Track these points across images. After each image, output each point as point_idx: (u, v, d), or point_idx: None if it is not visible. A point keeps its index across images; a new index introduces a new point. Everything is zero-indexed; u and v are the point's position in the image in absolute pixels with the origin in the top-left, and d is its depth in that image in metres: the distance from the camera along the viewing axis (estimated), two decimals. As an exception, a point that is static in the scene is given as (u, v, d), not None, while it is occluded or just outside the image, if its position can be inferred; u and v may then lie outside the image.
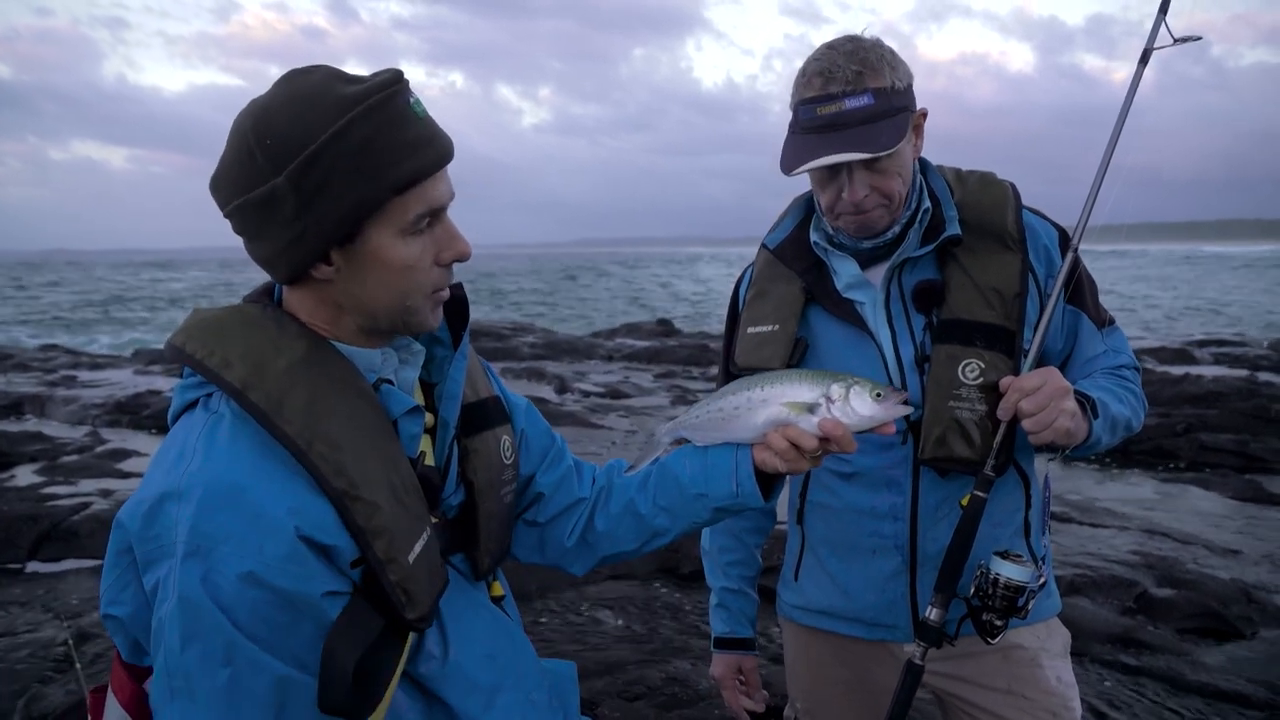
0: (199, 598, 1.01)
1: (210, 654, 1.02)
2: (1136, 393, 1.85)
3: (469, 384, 1.38)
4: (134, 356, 15.94)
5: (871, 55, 1.69)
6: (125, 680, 1.24)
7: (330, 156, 1.08)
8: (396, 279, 1.16)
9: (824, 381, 1.38)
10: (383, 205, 1.11)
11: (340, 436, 1.11)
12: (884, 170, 1.70)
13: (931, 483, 1.79)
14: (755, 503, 1.41)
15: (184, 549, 1.02)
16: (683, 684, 3.74)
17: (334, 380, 1.16)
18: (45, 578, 5.22)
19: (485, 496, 1.34)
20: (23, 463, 7.68)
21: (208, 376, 1.12)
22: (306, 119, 1.08)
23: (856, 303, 1.82)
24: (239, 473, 1.06)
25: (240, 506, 1.04)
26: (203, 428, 1.11)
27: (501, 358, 14.63)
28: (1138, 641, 4.22)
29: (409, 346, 1.30)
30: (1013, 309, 1.74)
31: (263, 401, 1.09)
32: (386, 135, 1.10)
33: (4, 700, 3.61)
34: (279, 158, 1.08)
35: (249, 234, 1.16)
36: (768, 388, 1.39)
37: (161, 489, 1.07)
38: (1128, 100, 1.79)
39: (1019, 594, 1.65)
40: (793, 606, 2.02)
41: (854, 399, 1.36)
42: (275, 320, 1.19)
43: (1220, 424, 8.62)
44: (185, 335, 1.16)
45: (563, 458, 1.54)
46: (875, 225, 1.77)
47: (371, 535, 1.10)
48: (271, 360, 1.12)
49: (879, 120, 1.66)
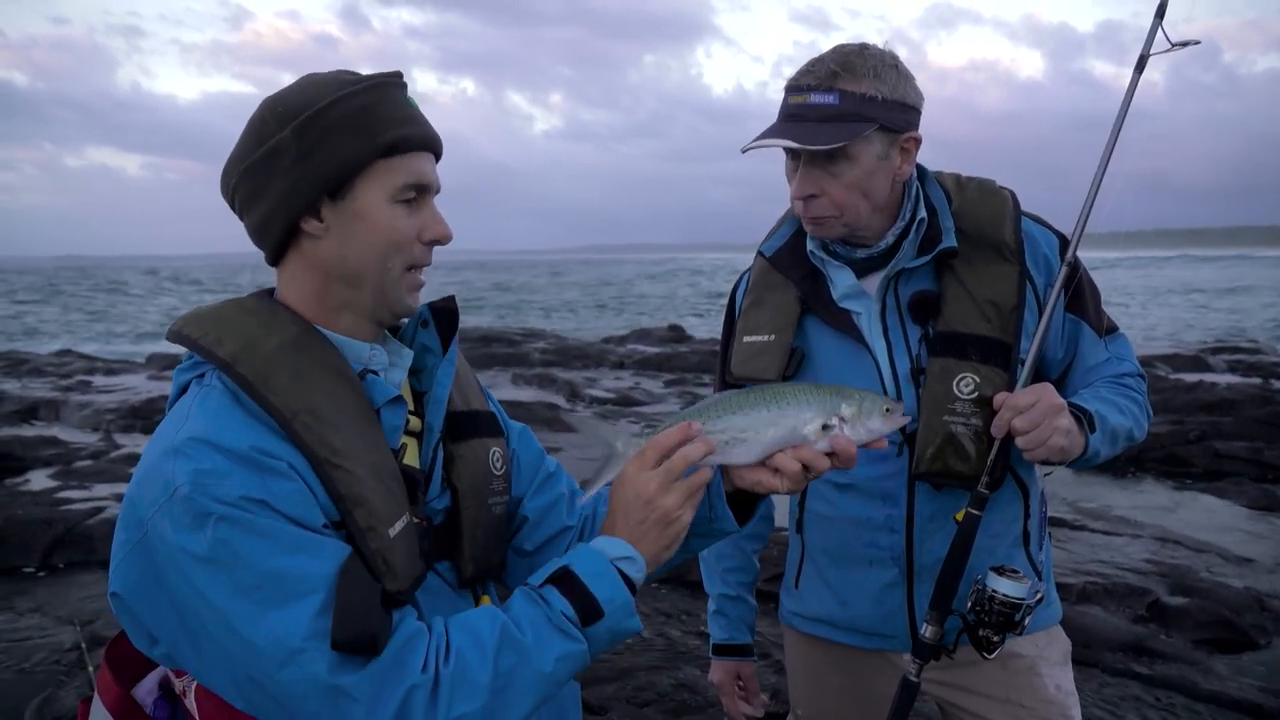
0: (214, 508, 1.06)
1: (252, 544, 1.06)
2: (1140, 401, 1.83)
3: (460, 394, 1.40)
4: (148, 362, 16.04)
5: (860, 61, 1.68)
6: (110, 683, 1.26)
7: (330, 117, 1.21)
8: (380, 241, 1.23)
9: (833, 400, 1.33)
10: (372, 163, 1.22)
11: (324, 410, 1.17)
12: (838, 175, 1.68)
13: (926, 495, 1.78)
14: (729, 527, 1.38)
15: (187, 489, 1.07)
16: (692, 690, 3.75)
17: (321, 363, 1.22)
18: (59, 582, 5.26)
19: (470, 502, 1.35)
20: (37, 467, 7.73)
21: (201, 354, 1.19)
22: (312, 90, 1.23)
23: (852, 313, 1.81)
24: (228, 431, 1.12)
25: (234, 452, 1.10)
26: (195, 397, 1.18)
27: (513, 364, 14.65)
28: (1150, 650, 4.20)
29: (398, 351, 1.34)
30: (1009, 321, 1.73)
31: (250, 374, 1.15)
32: (382, 107, 1.23)
33: (18, 703, 3.64)
34: (285, 118, 1.21)
35: (251, 198, 1.25)
36: (773, 409, 1.32)
37: (159, 451, 1.13)
38: (1124, 106, 1.78)
39: (1015, 610, 1.65)
40: (793, 614, 2.02)
41: (865, 418, 1.33)
42: (269, 309, 1.27)
43: (1234, 432, 8.55)
44: (184, 322, 1.24)
45: (555, 484, 1.51)
46: (828, 233, 1.76)
47: (351, 502, 1.15)
48: (262, 340, 1.20)
49: (835, 121, 1.65)
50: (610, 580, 1.19)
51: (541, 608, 1.17)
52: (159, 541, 1.09)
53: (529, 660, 1.13)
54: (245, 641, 1.06)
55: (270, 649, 1.05)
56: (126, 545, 1.14)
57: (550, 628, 1.15)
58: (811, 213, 1.73)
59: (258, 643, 1.05)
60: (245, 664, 1.07)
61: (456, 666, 1.10)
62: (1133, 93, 1.78)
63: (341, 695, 1.05)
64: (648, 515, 1.24)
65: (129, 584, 1.14)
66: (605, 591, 1.18)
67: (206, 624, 1.08)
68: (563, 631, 1.16)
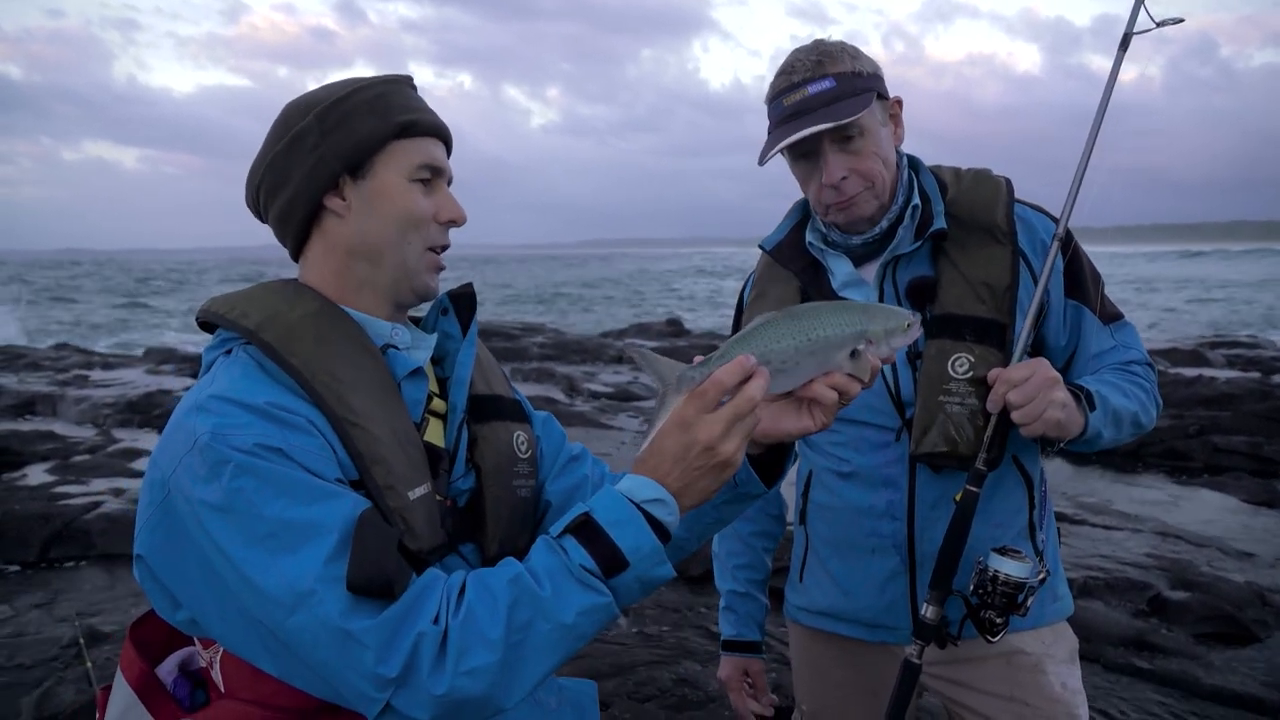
0: (231, 455, 1.08)
1: (267, 491, 1.07)
2: (1147, 389, 1.82)
3: (482, 378, 1.42)
4: (145, 356, 16.01)
5: (831, 48, 1.76)
6: (134, 659, 1.27)
7: (349, 103, 1.29)
8: (400, 216, 1.28)
9: (859, 321, 1.27)
10: (389, 142, 1.28)
11: (344, 374, 1.19)
12: (858, 151, 1.73)
13: (927, 480, 1.78)
14: (757, 489, 1.34)
15: (206, 439, 1.09)
16: (693, 685, 3.74)
17: (343, 335, 1.25)
18: (57, 577, 5.24)
19: (494, 481, 1.35)
20: (34, 462, 7.71)
21: (226, 325, 1.24)
22: (333, 86, 1.33)
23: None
24: (250, 389, 1.15)
25: (253, 406, 1.13)
26: (221, 365, 1.22)
27: (511, 358, 14.63)
28: (1151, 644, 4.19)
29: (421, 337, 1.37)
30: (1003, 302, 1.74)
31: (273, 340, 1.18)
32: (396, 96, 1.31)
33: (15, 698, 3.63)
34: (307, 108, 1.29)
35: (276, 185, 1.30)
36: (806, 335, 1.23)
37: (183, 411, 1.16)
38: (1110, 82, 1.80)
39: (1019, 590, 1.64)
40: (797, 608, 2.02)
41: (890, 337, 1.29)
42: (294, 288, 1.31)
43: (1234, 426, 8.55)
44: (212, 302, 1.30)
45: (579, 467, 1.51)
46: (863, 211, 1.78)
47: (370, 461, 1.16)
48: (285, 312, 1.24)
49: (842, 99, 1.70)
50: (635, 527, 1.12)
51: (561, 557, 1.11)
52: (179, 497, 1.10)
53: (546, 614, 1.08)
54: (258, 589, 1.05)
55: (281, 594, 1.04)
56: (150, 507, 1.14)
57: (570, 579, 1.09)
58: (846, 193, 1.76)
59: (269, 589, 1.05)
60: (261, 613, 1.06)
61: (466, 618, 1.06)
62: (1117, 71, 1.81)
63: (351, 640, 1.03)
64: (707, 461, 1.15)
65: (153, 546, 1.15)
66: (629, 540, 1.11)
67: (224, 576, 1.08)
68: (583, 584, 1.10)
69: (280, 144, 1.29)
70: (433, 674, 1.04)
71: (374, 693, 1.04)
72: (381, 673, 1.03)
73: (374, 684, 1.04)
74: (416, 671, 1.04)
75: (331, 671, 1.05)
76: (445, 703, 1.04)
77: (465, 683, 1.04)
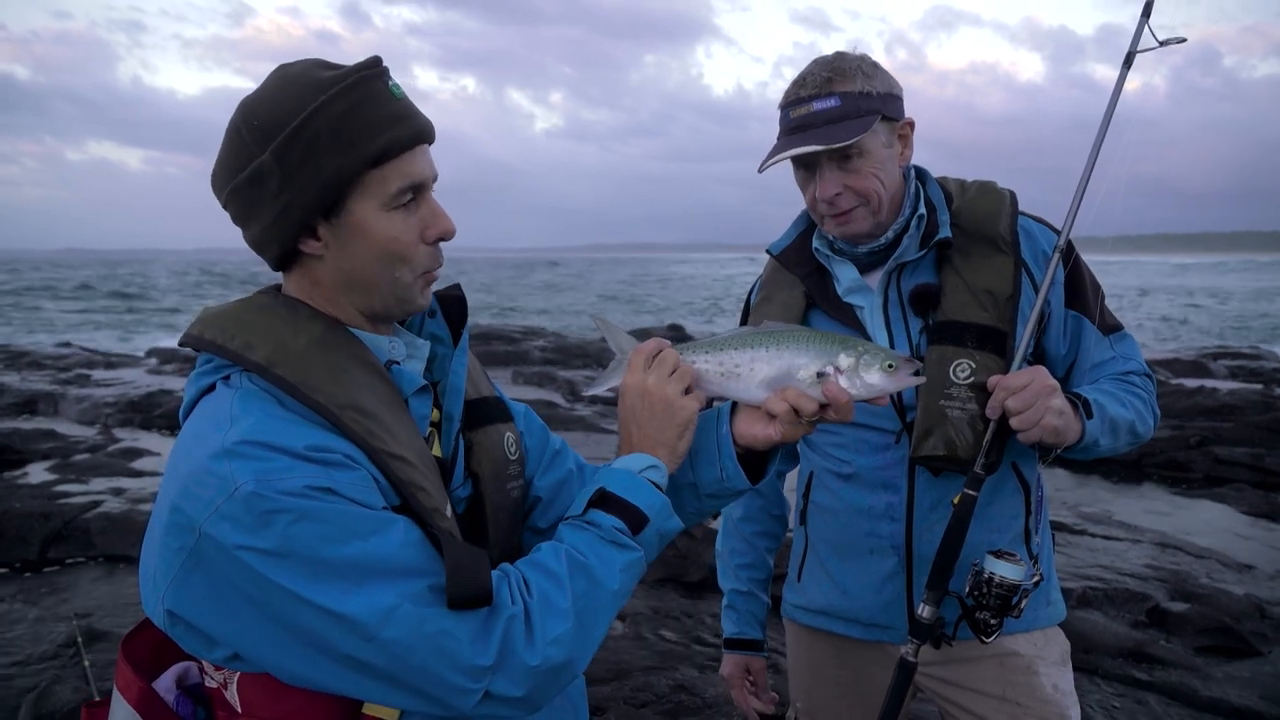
0: (283, 502, 1.05)
1: (327, 531, 1.06)
2: (1145, 399, 1.85)
3: (470, 382, 1.41)
4: (147, 355, 16.03)
5: (846, 64, 1.77)
6: (132, 679, 1.24)
7: (310, 132, 1.15)
8: (383, 253, 1.21)
9: (832, 348, 1.35)
10: (360, 176, 1.17)
11: (367, 404, 1.17)
12: (856, 170, 1.75)
13: (926, 483, 1.81)
14: (741, 485, 1.42)
15: (252, 487, 1.05)
16: (689, 691, 3.73)
17: (351, 357, 1.21)
18: (56, 576, 5.25)
19: (492, 488, 1.36)
20: (35, 460, 7.72)
21: (230, 358, 1.17)
22: (287, 100, 1.16)
23: (856, 307, 1.86)
24: (282, 432, 1.11)
25: (292, 450, 1.09)
26: (232, 399, 1.15)
27: (512, 362, 14.63)
28: (1149, 656, 4.19)
29: (414, 342, 1.35)
30: (1005, 310, 1.77)
31: (290, 376, 1.14)
32: (362, 111, 1.17)
33: (12, 698, 3.63)
34: (263, 137, 1.16)
35: (243, 217, 1.23)
36: (774, 348, 1.36)
37: (207, 454, 1.09)
38: (1113, 100, 1.82)
39: (1013, 593, 1.67)
40: (795, 607, 2.05)
41: (864, 370, 1.34)
42: (286, 305, 1.25)
43: (1235, 437, 8.54)
44: (201, 326, 1.22)
45: (562, 461, 1.53)
46: (858, 227, 1.80)
47: (413, 489, 1.16)
48: (291, 339, 1.18)
49: (844, 120, 1.72)
50: (645, 488, 1.27)
51: (591, 531, 1.23)
52: (214, 545, 1.06)
53: (597, 579, 1.19)
54: (339, 617, 1.05)
55: (366, 617, 1.06)
56: (180, 554, 1.09)
57: (606, 544, 1.22)
58: (839, 208, 1.78)
59: (352, 615, 1.05)
60: (341, 642, 1.06)
61: (539, 595, 1.16)
62: (1120, 88, 1.82)
63: (447, 638, 1.08)
64: (653, 406, 1.35)
65: (185, 595, 1.10)
66: (644, 499, 1.26)
67: (291, 615, 1.06)
68: (618, 545, 1.23)
69: (240, 178, 1.18)
70: (527, 649, 1.12)
71: (471, 684, 1.09)
72: (479, 663, 1.09)
73: (471, 675, 1.09)
74: (512, 651, 1.11)
75: (426, 676, 1.08)
76: (539, 674, 1.13)
77: (553, 651, 1.13)
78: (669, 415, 1.34)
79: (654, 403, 1.34)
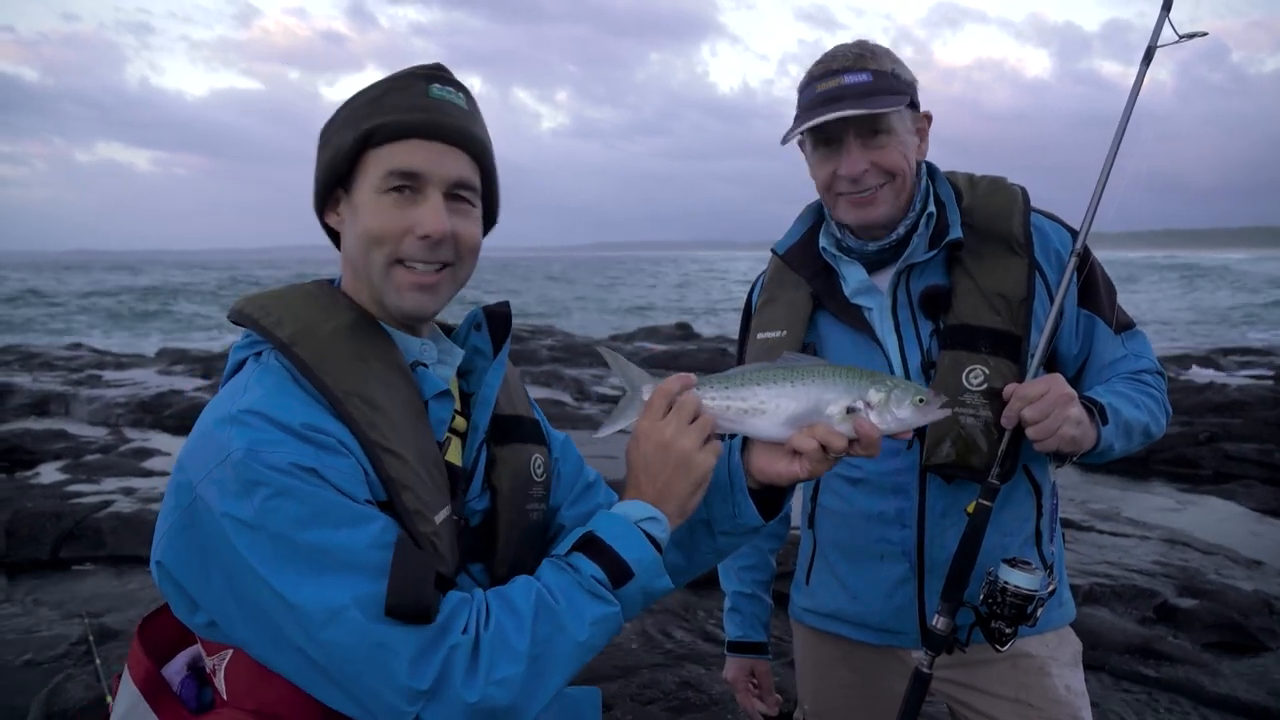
0: (265, 475, 1.07)
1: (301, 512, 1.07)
2: (1157, 398, 1.83)
3: (507, 398, 1.41)
4: (158, 356, 16.10)
5: (875, 47, 1.76)
6: (141, 658, 1.28)
7: (345, 112, 1.28)
8: (365, 232, 1.24)
9: (861, 384, 1.30)
10: (364, 154, 1.24)
11: (375, 396, 1.18)
12: (883, 146, 1.72)
13: (938, 489, 1.78)
14: (753, 522, 1.37)
15: (240, 455, 1.08)
16: (696, 688, 3.74)
17: (375, 350, 1.24)
18: (68, 575, 5.28)
19: (508, 505, 1.35)
20: (47, 460, 7.77)
21: (260, 332, 1.22)
22: (360, 91, 1.29)
23: (864, 309, 1.82)
24: (284, 407, 1.14)
25: (288, 426, 1.11)
26: (252, 373, 1.20)
27: (520, 361, 14.64)
28: (1157, 652, 4.18)
29: (450, 349, 1.37)
30: (1019, 314, 1.73)
31: (307, 356, 1.17)
32: (386, 99, 1.25)
33: (25, 695, 3.66)
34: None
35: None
36: (799, 384, 1.30)
37: (214, 419, 1.14)
38: (1132, 96, 1.79)
39: (1028, 602, 1.64)
40: (803, 610, 2.02)
41: (895, 406, 1.29)
42: (329, 294, 1.30)
43: (1244, 433, 8.51)
44: (246, 302, 1.27)
45: (594, 495, 1.52)
46: (877, 211, 1.76)
47: (400, 486, 1.16)
48: (320, 324, 1.22)
49: (874, 95, 1.70)
50: (636, 541, 1.20)
51: (570, 574, 1.18)
52: (205, 508, 1.09)
53: (564, 627, 1.13)
54: (290, 605, 1.05)
55: (314, 610, 1.05)
56: (175, 510, 1.13)
57: (582, 592, 1.16)
58: (864, 185, 1.74)
59: (302, 604, 1.05)
60: (290, 628, 1.06)
61: (496, 632, 1.11)
62: (1140, 84, 1.79)
63: (385, 653, 1.05)
64: (667, 459, 1.26)
65: (174, 551, 1.14)
66: (632, 552, 1.19)
67: (251, 589, 1.08)
68: (595, 595, 1.16)
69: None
70: (466, 684, 1.07)
71: (404, 705, 1.06)
72: (413, 685, 1.05)
73: (405, 697, 1.05)
74: (449, 682, 1.06)
75: (361, 686, 1.06)
76: (476, 712, 1.07)
77: (495, 692, 1.08)
78: (685, 472, 1.26)
79: (671, 456, 1.26)
